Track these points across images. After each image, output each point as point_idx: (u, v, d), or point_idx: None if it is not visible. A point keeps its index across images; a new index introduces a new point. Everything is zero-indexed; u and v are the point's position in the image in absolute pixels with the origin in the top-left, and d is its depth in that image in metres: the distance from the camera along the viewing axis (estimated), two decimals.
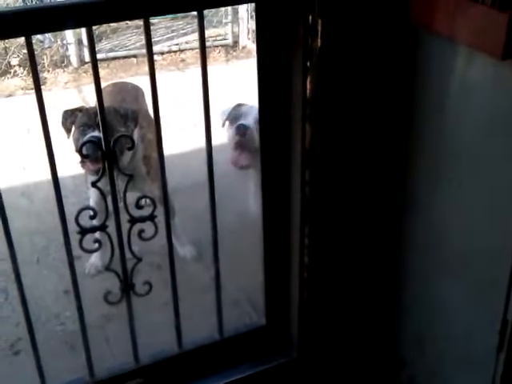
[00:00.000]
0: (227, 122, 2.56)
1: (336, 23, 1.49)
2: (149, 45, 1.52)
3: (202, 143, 1.65)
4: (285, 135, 1.65)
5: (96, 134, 2.00)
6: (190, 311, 2.00)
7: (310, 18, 1.48)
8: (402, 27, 1.50)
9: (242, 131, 2.45)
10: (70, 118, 2.19)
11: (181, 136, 3.45)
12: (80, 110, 2.23)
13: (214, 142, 1.69)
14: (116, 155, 1.58)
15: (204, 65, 1.60)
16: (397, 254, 1.77)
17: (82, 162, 2.10)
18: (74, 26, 1.73)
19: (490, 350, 1.50)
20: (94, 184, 1.56)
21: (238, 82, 4.00)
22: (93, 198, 2.27)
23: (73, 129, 2.20)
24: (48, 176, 1.51)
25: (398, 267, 1.80)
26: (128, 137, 1.67)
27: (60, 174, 1.51)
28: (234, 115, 2.54)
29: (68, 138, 2.22)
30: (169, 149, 1.67)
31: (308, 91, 1.56)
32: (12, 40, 4.46)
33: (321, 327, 1.94)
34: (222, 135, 2.62)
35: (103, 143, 1.51)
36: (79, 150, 1.86)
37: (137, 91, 2.67)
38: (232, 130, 2.50)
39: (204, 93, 1.60)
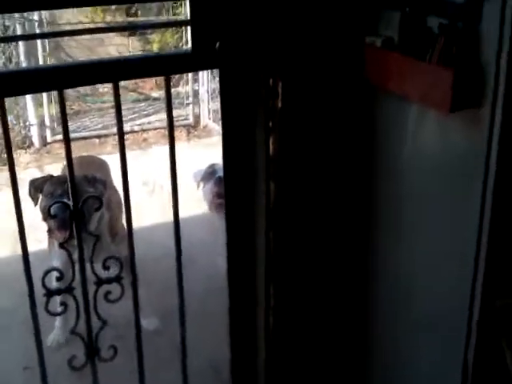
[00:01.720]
0: (201, 183, 2.77)
1: (296, 85, 1.57)
2: (118, 108, 1.57)
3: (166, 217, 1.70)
4: (249, 194, 1.70)
5: (64, 198, 2.02)
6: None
7: (271, 80, 1.57)
8: (359, 87, 1.60)
9: (219, 182, 2.61)
10: (38, 186, 2.20)
11: (145, 210, 3.47)
12: (47, 178, 2.25)
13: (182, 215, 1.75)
14: (84, 216, 1.59)
15: (171, 131, 1.65)
16: (365, 306, 1.80)
17: (49, 231, 2.10)
18: (48, 89, 1.77)
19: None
20: (61, 245, 1.57)
21: (201, 158, 4.09)
22: (59, 260, 2.24)
23: (40, 197, 2.21)
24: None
25: (367, 318, 1.82)
26: (96, 197, 1.69)
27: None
28: (209, 173, 2.77)
29: (35, 205, 2.22)
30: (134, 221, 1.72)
31: (271, 150, 1.63)
32: None
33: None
34: (189, 206, 2.72)
35: (71, 203, 1.53)
36: (47, 213, 1.86)
37: (103, 163, 2.73)
38: (209, 184, 2.72)
39: (171, 161, 1.64)
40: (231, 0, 1.51)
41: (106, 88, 6.19)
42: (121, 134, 1.64)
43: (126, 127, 5.16)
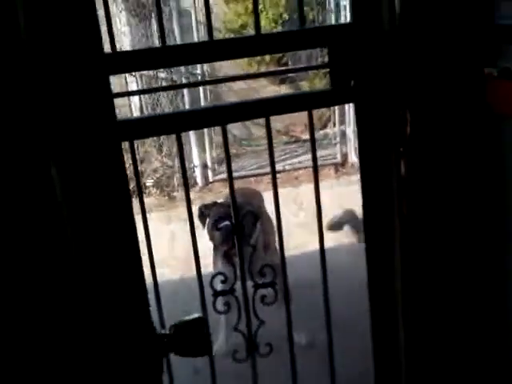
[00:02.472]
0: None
1: (423, 114, 1.80)
2: (270, 142, 1.90)
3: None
4: (387, 209, 1.93)
5: (227, 222, 2.37)
6: None
7: (401, 111, 1.81)
8: (479, 112, 1.79)
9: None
10: (205, 211, 2.59)
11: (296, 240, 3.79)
12: (214, 204, 2.64)
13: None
14: (244, 229, 1.92)
15: (315, 159, 1.96)
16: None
17: (215, 246, 2.47)
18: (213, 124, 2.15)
19: None
20: (226, 253, 1.91)
21: (349, 193, 4.37)
22: (223, 267, 2.58)
23: (207, 220, 2.60)
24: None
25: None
26: (253, 212, 2.03)
27: None
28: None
29: (203, 228, 2.61)
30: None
31: (402, 171, 1.86)
32: (146, 165, 5.14)
33: None
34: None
35: (233, 218, 1.87)
36: (214, 229, 2.23)
37: (257, 192, 3.11)
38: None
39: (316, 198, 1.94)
40: (364, 46, 1.79)
41: (260, 133, 6.71)
42: (272, 163, 1.97)
43: (279, 167, 5.58)
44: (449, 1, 1.73)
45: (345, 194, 4.50)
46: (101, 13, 0.99)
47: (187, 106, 5.33)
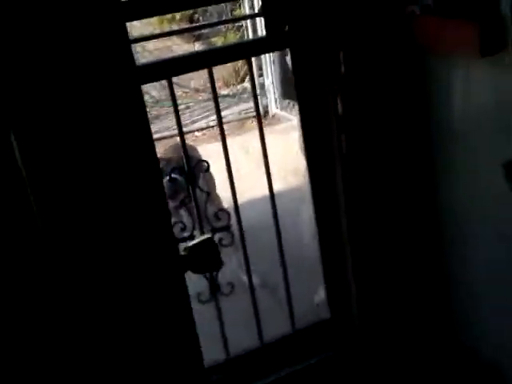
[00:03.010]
0: None
1: (355, 54, 1.94)
2: (215, 94, 1.99)
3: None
4: (326, 143, 2.07)
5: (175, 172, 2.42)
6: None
7: (334, 52, 1.94)
8: (405, 47, 1.95)
9: None
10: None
11: None
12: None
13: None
14: (196, 178, 2.02)
15: (257, 108, 2.08)
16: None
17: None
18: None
19: None
20: (182, 202, 2.00)
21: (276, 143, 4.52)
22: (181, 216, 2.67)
23: None
24: None
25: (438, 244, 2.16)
26: (204, 161, 2.13)
27: None
28: None
29: None
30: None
31: (339, 109, 2.00)
32: None
33: (379, 317, 2.28)
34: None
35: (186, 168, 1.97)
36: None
37: (194, 147, 3.20)
38: None
39: (262, 140, 2.08)
40: None
41: (178, 92, 6.71)
42: (218, 113, 2.07)
43: (202, 124, 5.66)
44: None
45: (272, 144, 4.65)
46: None
47: None
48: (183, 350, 0.94)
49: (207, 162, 2.09)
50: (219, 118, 2.08)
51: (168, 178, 2.25)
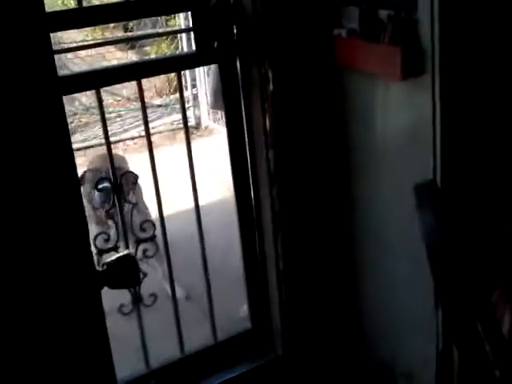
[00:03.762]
0: None
1: (283, 72, 1.99)
2: (143, 105, 1.99)
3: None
4: (252, 161, 2.11)
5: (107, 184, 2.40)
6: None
7: (263, 69, 1.98)
8: (330, 68, 2.01)
9: None
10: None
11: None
12: (83, 173, 2.68)
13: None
14: (122, 188, 2.01)
15: (185, 121, 2.09)
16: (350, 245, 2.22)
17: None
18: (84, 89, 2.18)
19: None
20: (107, 212, 1.98)
21: (206, 154, 4.54)
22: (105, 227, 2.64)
23: (82, 188, 2.62)
24: None
25: (352, 258, 2.23)
26: (132, 172, 2.12)
27: None
28: None
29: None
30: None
31: (268, 124, 2.04)
32: None
33: (300, 325, 2.33)
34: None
35: (112, 178, 1.95)
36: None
37: (122, 157, 3.16)
38: None
39: (188, 152, 2.09)
40: (224, 9, 1.93)
41: (109, 100, 6.63)
42: (146, 123, 2.07)
43: (134, 133, 5.60)
44: None
45: (202, 156, 4.66)
46: None
47: None
48: (95, 371, 0.93)
49: (134, 174, 2.08)
50: (147, 128, 2.08)
51: (95, 188, 2.25)
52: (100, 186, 2.19)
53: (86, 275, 0.88)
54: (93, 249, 1.98)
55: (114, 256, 0.99)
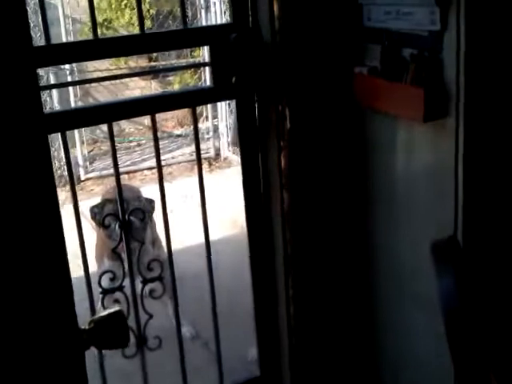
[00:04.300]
0: None
1: (301, 109, 1.91)
2: (155, 138, 1.93)
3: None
4: (266, 201, 2.03)
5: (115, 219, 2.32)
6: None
7: (280, 107, 1.91)
8: (352, 108, 1.93)
9: None
10: (97, 210, 2.56)
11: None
12: (104, 202, 2.61)
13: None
14: (132, 225, 1.94)
15: (198, 154, 2.02)
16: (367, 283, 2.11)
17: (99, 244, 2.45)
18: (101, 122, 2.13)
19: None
20: (113, 250, 1.91)
21: (224, 186, 4.48)
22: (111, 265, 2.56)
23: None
24: None
25: (370, 294, 2.12)
26: (140, 209, 2.04)
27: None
28: None
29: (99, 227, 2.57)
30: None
31: (283, 164, 1.96)
32: None
33: (310, 375, 2.21)
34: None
35: (120, 215, 1.88)
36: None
37: (138, 189, 3.10)
38: None
39: (200, 186, 2.01)
40: (244, 45, 1.87)
41: (131, 129, 6.63)
42: (158, 157, 1.99)
43: (152, 163, 5.55)
44: (321, 8, 1.86)
45: (219, 188, 4.60)
46: None
47: (55, 103, 5.17)
48: None
49: (144, 211, 2.01)
50: (158, 161, 2.00)
51: (102, 223, 2.18)
52: (105, 223, 2.12)
53: (68, 335, 0.79)
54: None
55: (103, 312, 0.91)
